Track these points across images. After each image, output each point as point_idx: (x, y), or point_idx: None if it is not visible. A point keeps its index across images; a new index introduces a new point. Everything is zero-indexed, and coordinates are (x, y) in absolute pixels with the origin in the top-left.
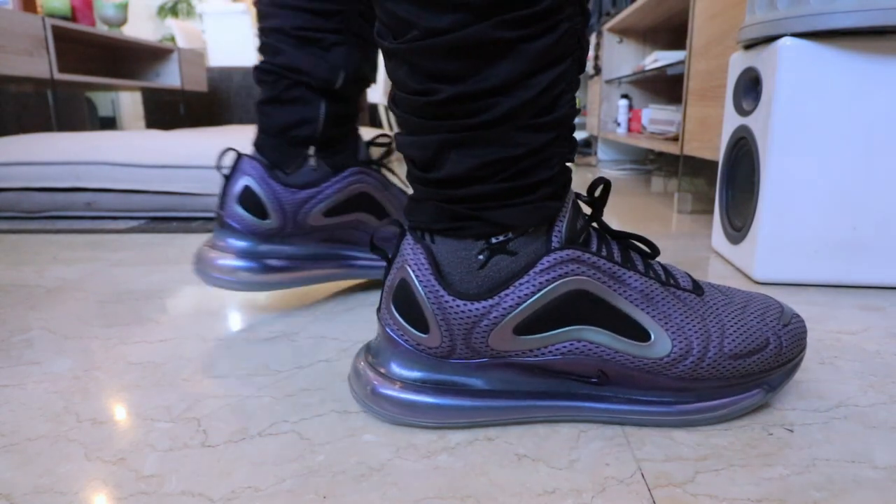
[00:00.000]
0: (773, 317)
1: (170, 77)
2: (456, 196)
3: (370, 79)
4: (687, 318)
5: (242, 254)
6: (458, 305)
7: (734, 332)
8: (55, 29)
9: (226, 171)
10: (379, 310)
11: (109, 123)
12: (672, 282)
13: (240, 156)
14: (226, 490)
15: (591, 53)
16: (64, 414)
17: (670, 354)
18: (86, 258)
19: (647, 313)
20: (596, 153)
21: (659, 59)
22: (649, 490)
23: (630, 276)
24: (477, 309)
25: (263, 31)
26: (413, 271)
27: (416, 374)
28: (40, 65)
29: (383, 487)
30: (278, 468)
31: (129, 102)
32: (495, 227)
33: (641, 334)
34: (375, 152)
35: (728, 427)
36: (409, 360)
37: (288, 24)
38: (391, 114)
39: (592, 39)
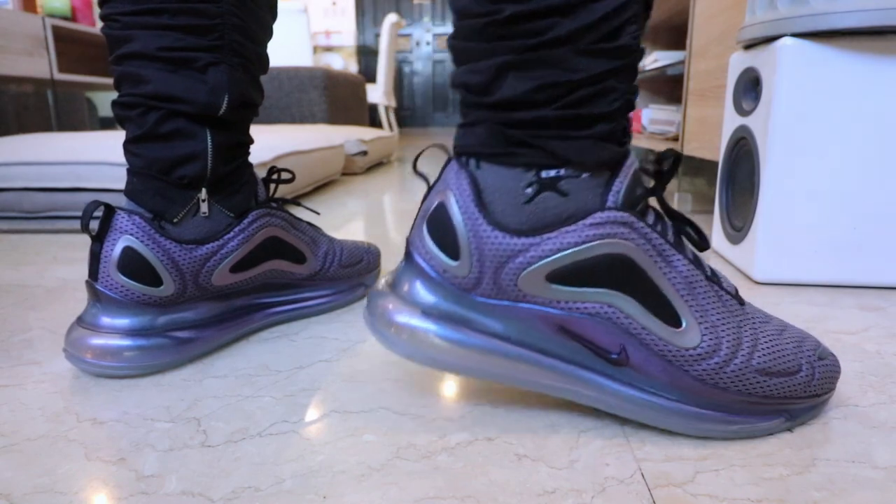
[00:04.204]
0: (810, 348)
1: None
2: (511, 119)
3: (257, 103)
4: (723, 318)
5: (134, 332)
6: (495, 236)
7: (766, 347)
8: (55, 29)
9: (94, 231)
10: (409, 236)
11: (109, 123)
12: (717, 281)
13: (111, 210)
14: (226, 490)
15: None
16: (64, 414)
17: (697, 348)
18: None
19: (686, 301)
20: None
21: (659, 59)
22: (649, 490)
23: (678, 260)
24: (514, 244)
25: (118, 60)
26: (454, 195)
27: (434, 302)
28: (40, 65)
29: (383, 487)
30: (278, 468)
31: None
32: (548, 158)
33: (674, 319)
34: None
35: None
36: (431, 287)
37: (151, 46)
38: (391, 113)
39: None
